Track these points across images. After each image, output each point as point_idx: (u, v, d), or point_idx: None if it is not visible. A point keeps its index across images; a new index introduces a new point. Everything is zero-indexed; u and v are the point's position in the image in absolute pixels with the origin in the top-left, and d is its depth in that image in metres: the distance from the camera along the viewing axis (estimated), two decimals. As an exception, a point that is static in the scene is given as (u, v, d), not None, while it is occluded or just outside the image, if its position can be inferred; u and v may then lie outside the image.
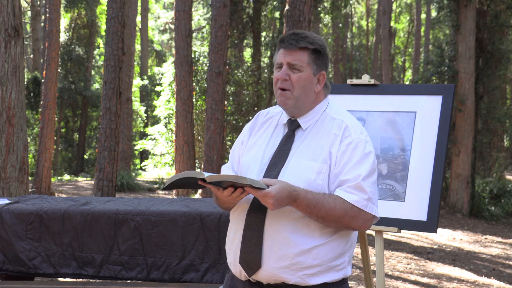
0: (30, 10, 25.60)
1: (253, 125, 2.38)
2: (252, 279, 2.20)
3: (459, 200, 12.60)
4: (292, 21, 8.92)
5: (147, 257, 3.87)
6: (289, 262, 2.12)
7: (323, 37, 22.29)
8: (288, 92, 2.20)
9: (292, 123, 2.26)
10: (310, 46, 2.20)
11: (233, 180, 2.00)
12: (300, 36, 2.20)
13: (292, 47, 2.19)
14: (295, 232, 2.13)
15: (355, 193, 2.12)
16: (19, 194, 5.56)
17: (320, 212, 2.07)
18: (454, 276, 7.26)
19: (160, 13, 36.71)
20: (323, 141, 2.19)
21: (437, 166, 3.31)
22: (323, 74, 2.26)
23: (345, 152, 2.15)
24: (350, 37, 33.23)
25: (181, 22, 13.25)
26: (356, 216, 2.12)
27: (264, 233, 2.15)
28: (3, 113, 5.56)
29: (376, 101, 3.56)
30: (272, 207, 2.02)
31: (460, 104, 12.60)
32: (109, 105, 10.28)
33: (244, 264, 2.18)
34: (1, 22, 5.53)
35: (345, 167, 2.14)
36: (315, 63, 2.22)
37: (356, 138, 2.18)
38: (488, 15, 13.40)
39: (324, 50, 2.26)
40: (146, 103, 29.62)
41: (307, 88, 2.22)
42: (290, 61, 2.20)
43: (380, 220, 3.34)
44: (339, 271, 2.21)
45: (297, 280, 2.14)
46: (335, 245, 2.18)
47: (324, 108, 2.28)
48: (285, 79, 2.20)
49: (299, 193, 2.05)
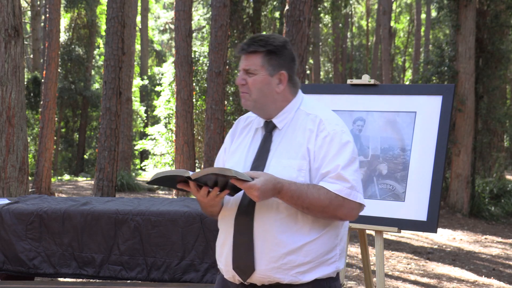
0: (30, 10, 25.60)
1: (234, 132, 2.42)
2: (246, 282, 2.22)
3: (459, 200, 12.60)
4: (292, 21, 8.92)
5: (147, 257, 3.87)
6: (281, 262, 2.14)
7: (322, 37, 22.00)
8: (246, 95, 2.26)
9: (268, 125, 2.30)
10: (261, 49, 2.22)
11: (218, 172, 2.01)
12: (253, 40, 2.24)
13: (244, 52, 2.25)
14: (284, 232, 2.15)
15: (337, 183, 2.14)
16: (19, 194, 5.56)
17: (305, 203, 2.10)
18: (454, 276, 7.26)
19: (160, 13, 36.71)
20: (300, 138, 2.22)
21: (437, 166, 3.31)
22: (283, 73, 2.26)
23: (322, 146, 2.18)
24: (350, 37, 33.23)
25: (181, 22, 13.25)
26: (341, 205, 2.13)
27: (254, 236, 2.17)
28: (3, 113, 5.56)
29: (376, 101, 3.56)
30: (257, 199, 2.05)
31: (460, 104, 12.60)
32: (109, 105, 10.28)
33: (237, 270, 2.21)
34: (1, 22, 5.53)
35: (324, 160, 2.17)
36: (269, 64, 2.23)
37: (332, 131, 2.20)
38: (488, 15, 13.41)
39: (281, 49, 2.25)
40: (146, 103, 29.62)
41: (264, 89, 2.25)
42: (244, 67, 2.25)
43: (380, 220, 3.35)
44: (331, 265, 2.22)
45: (290, 279, 2.15)
46: (325, 240, 2.19)
47: (297, 106, 2.30)
48: (242, 84, 2.26)
49: (283, 184, 2.08)
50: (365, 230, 3.48)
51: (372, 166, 3.46)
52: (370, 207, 3.40)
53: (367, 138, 3.52)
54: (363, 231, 3.52)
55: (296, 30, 8.90)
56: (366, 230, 3.46)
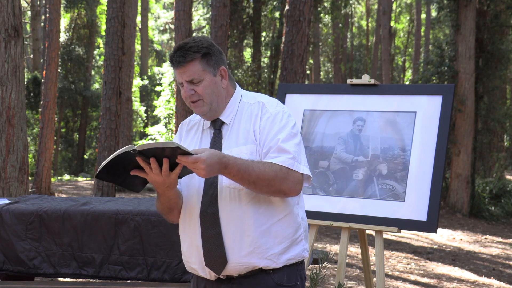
0: (30, 10, 25.60)
1: (179, 136, 2.44)
2: (222, 276, 2.24)
3: (459, 200, 12.60)
4: (292, 21, 8.92)
5: (147, 257, 3.87)
6: (254, 246, 2.19)
7: (322, 37, 22.05)
8: (200, 102, 2.26)
9: (215, 123, 2.33)
10: (197, 55, 2.23)
11: (162, 146, 2.00)
12: (184, 50, 2.23)
13: (182, 64, 2.23)
14: (250, 216, 2.19)
15: (279, 155, 2.19)
16: (19, 194, 5.56)
17: (252, 177, 2.11)
18: (454, 276, 7.27)
19: (160, 13, 36.70)
20: (247, 125, 2.27)
21: (437, 166, 3.31)
22: (223, 69, 2.30)
23: (265, 126, 2.25)
24: (350, 37, 33.22)
25: (181, 22, 13.24)
26: (286, 177, 2.16)
27: (222, 228, 2.20)
28: (3, 113, 5.56)
29: (376, 101, 3.56)
30: (204, 172, 2.04)
31: (460, 104, 12.60)
32: (109, 105, 10.28)
33: (210, 265, 2.23)
34: (1, 22, 5.53)
35: (267, 138, 2.23)
36: (209, 65, 2.26)
37: (274, 111, 2.27)
38: (488, 15, 13.40)
39: (212, 48, 2.27)
40: (146, 103, 29.60)
41: (215, 90, 2.28)
42: (187, 78, 2.24)
43: (380, 220, 3.35)
44: (299, 244, 2.28)
45: (266, 262, 2.20)
46: (289, 219, 2.25)
47: (239, 99, 2.35)
48: (192, 94, 2.26)
49: (229, 159, 2.09)
50: (365, 230, 3.48)
51: (372, 166, 3.46)
52: (370, 207, 3.41)
53: (367, 138, 3.52)
54: (363, 231, 3.52)
55: (296, 30, 8.90)
56: (366, 230, 3.46)
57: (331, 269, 6.80)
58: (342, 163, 3.52)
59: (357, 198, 3.44)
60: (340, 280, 3.30)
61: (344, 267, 3.36)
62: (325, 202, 3.49)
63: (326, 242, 8.92)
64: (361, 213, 3.41)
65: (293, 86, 4.05)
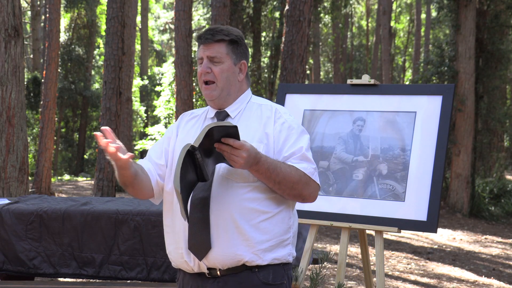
0: (30, 10, 25.59)
1: (178, 124, 2.42)
2: (204, 267, 2.21)
3: (459, 200, 12.60)
4: (292, 21, 8.92)
5: (147, 257, 3.87)
6: (242, 238, 2.18)
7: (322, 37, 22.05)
8: (213, 85, 2.28)
9: (220, 114, 2.33)
10: (226, 37, 2.26)
11: (216, 125, 1.99)
12: (215, 31, 2.27)
13: (209, 41, 2.26)
14: (242, 209, 2.19)
15: (303, 162, 2.22)
16: (19, 194, 5.56)
17: (278, 177, 2.14)
18: (454, 276, 7.27)
19: (160, 13, 36.70)
20: (255, 124, 2.28)
21: (437, 166, 3.31)
22: (244, 63, 2.32)
23: (282, 130, 2.25)
24: (350, 37, 33.22)
25: (181, 22, 13.24)
26: (308, 183, 2.21)
27: (211, 213, 2.19)
28: (3, 113, 5.56)
29: (376, 101, 3.56)
30: (243, 161, 2.04)
31: (460, 104, 12.60)
32: (109, 105, 10.28)
33: (193, 248, 2.20)
34: (1, 22, 5.53)
35: (287, 143, 2.24)
36: (233, 53, 2.28)
37: (289, 119, 2.29)
38: (488, 15, 13.40)
39: (241, 40, 2.31)
40: (146, 103, 29.60)
41: (230, 78, 2.29)
42: (209, 55, 2.26)
43: (380, 220, 3.35)
44: (286, 247, 2.27)
45: (251, 257, 2.19)
46: (280, 219, 2.25)
47: (248, 98, 2.36)
48: (207, 72, 2.27)
49: (261, 155, 2.11)
50: (365, 230, 3.48)
51: (372, 166, 3.46)
52: (370, 207, 3.40)
53: (367, 138, 3.52)
54: (363, 231, 3.52)
55: (296, 30, 8.90)
56: (366, 230, 3.46)
57: (331, 269, 6.80)
58: (342, 163, 3.52)
59: (357, 198, 3.44)
60: (340, 280, 3.30)
61: (344, 267, 3.36)
62: (325, 202, 3.49)
63: (326, 242, 8.92)
64: (361, 213, 3.40)
65: (293, 86, 4.05)
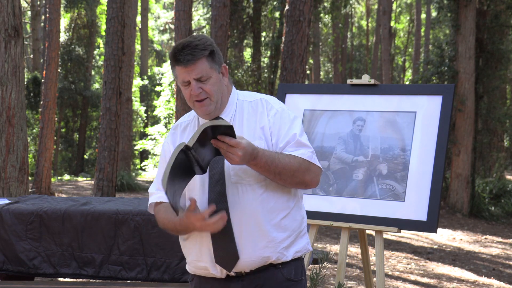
0: (30, 10, 25.59)
1: (174, 138, 2.38)
2: (232, 273, 2.23)
3: (459, 200, 12.60)
4: (292, 21, 8.92)
5: (147, 257, 3.87)
6: (267, 240, 2.21)
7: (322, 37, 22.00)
8: (207, 100, 2.24)
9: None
10: (204, 53, 2.21)
11: (211, 124, 1.99)
12: (192, 49, 2.19)
13: (191, 63, 2.20)
14: (261, 211, 2.21)
15: (300, 149, 2.24)
16: (19, 194, 5.56)
17: (278, 168, 2.15)
18: (454, 276, 7.26)
19: (160, 13, 36.69)
20: (251, 122, 2.28)
21: (437, 166, 3.31)
22: (224, 66, 2.31)
23: (275, 121, 2.27)
24: (350, 37, 33.21)
25: (181, 22, 13.24)
26: (308, 168, 2.23)
27: (233, 225, 2.20)
28: (3, 113, 5.56)
29: (376, 101, 3.56)
30: (238, 159, 2.06)
31: (460, 104, 12.59)
32: (109, 105, 10.28)
33: (221, 262, 2.22)
34: (1, 22, 5.53)
35: (281, 133, 2.26)
36: (214, 62, 2.25)
37: (279, 108, 2.30)
38: (488, 15, 13.40)
39: (214, 45, 2.26)
40: (146, 103, 29.60)
41: (220, 87, 2.28)
42: (195, 76, 2.21)
43: (380, 220, 3.35)
44: (303, 236, 2.33)
45: (277, 256, 2.23)
46: (295, 212, 2.29)
47: (236, 97, 2.35)
48: (200, 92, 2.23)
49: (258, 150, 2.13)
50: (365, 230, 3.48)
51: (372, 166, 3.46)
52: (370, 207, 3.40)
53: (367, 138, 3.52)
54: (363, 231, 3.52)
55: (296, 30, 8.90)
56: (366, 230, 3.46)
57: (331, 269, 6.80)
58: (342, 163, 3.52)
59: (357, 198, 3.44)
60: (340, 280, 3.30)
61: (344, 267, 3.36)
62: (325, 202, 3.49)
63: (326, 242, 8.92)
64: (361, 213, 3.41)
65: (293, 86, 4.06)
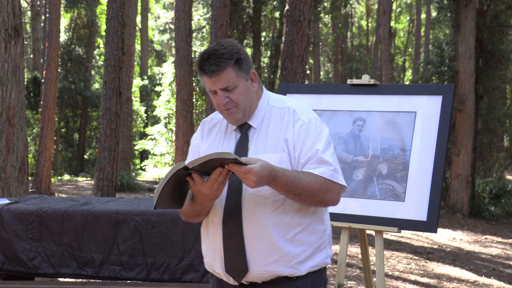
0: (30, 10, 25.59)
1: (201, 134, 2.38)
2: (245, 282, 2.22)
3: (459, 200, 12.60)
4: (292, 21, 8.91)
5: (147, 257, 3.87)
6: (278, 255, 2.17)
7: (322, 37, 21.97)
8: (234, 109, 2.22)
9: (243, 127, 2.28)
10: (230, 62, 2.17)
11: (216, 156, 1.98)
12: (217, 58, 2.16)
13: (216, 73, 2.16)
14: (275, 225, 2.17)
15: (321, 166, 2.17)
16: (19, 194, 5.56)
17: (298, 189, 2.11)
18: (454, 276, 7.26)
19: (160, 13, 36.70)
20: (276, 131, 2.24)
21: (437, 166, 3.31)
22: (253, 72, 2.26)
23: (300, 134, 2.21)
24: (350, 37, 33.21)
25: (181, 22, 13.25)
26: (329, 188, 2.17)
27: (245, 237, 2.17)
28: (3, 113, 5.56)
29: (376, 101, 3.56)
30: (253, 184, 2.03)
31: (460, 104, 12.59)
32: (109, 105, 10.27)
33: (231, 272, 2.21)
34: (1, 22, 5.53)
35: (304, 147, 2.20)
36: (241, 70, 2.21)
37: (306, 119, 2.24)
38: (488, 15, 13.40)
39: (241, 52, 2.21)
40: (146, 103, 29.61)
41: (248, 95, 2.24)
42: (221, 86, 2.18)
43: (380, 220, 3.35)
44: (322, 251, 2.27)
45: (290, 270, 2.19)
46: (314, 227, 2.24)
47: (266, 102, 2.31)
48: (227, 102, 2.21)
49: (278, 171, 2.08)
50: (365, 230, 3.48)
51: (372, 166, 3.46)
52: (370, 207, 3.40)
53: (367, 138, 3.52)
54: (363, 231, 3.52)
55: (296, 30, 8.90)
56: (366, 230, 3.46)
57: (331, 269, 6.80)
58: (342, 163, 3.51)
59: (357, 198, 3.45)
60: (340, 280, 3.30)
61: (344, 267, 3.36)
62: (325, 202, 3.49)
63: (326, 242, 8.90)
64: (361, 213, 3.41)
65: (293, 86, 4.05)
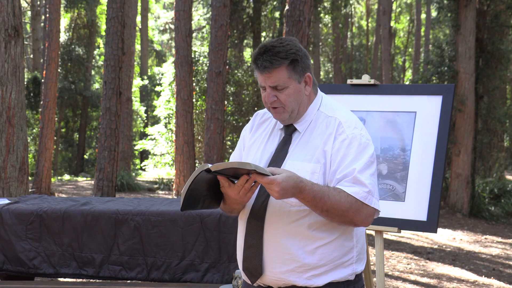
0: (30, 10, 25.59)
1: (251, 126, 2.36)
2: (262, 285, 2.20)
3: (459, 200, 12.60)
4: (292, 21, 8.91)
5: (147, 257, 3.87)
6: (294, 265, 2.11)
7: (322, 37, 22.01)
8: (281, 109, 2.18)
9: (288, 128, 2.24)
10: (284, 62, 2.12)
11: (237, 166, 1.95)
12: (271, 54, 2.11)
13: (268, 70, 2.12)
14: (297, 235, 2.11)
15: (354, 186, 2.08)
16: (19, 194, 5.56)
17: (326, 205, 2.03)
18: (454, 276, 7.26)
19: (160, 13, 36.69)
20: (317, 141, 2.17)
21: (437, 166, 3.31)
22: (308, 75, 2.20)
23: (340, 149, 2.13)
24: (350, 37, 33.21)
25: (181, 22, 13.24)
26: (359, 210, 2.07)
27: (264, 240, 2.14)
28: (3, 113, 5.56)
29: (376, 101, 3.56)
30: (277, 195, 1.97)
31: (460, 104, 12.60)
32: (109, 105, 10.28)
33: (246, 271, 2.19)
34: (1, 22, 5.53)
35: (342, 164, 2.11)
36: (295, 72, 2.15)
37: (351, 134, 2.15)
38: (488, 15, 13.40)
39: (299, 54, 2.15)
40: (146, 103, 29.61)
41: (298, 98, 2.18)
42: (271, 84, 2.14)
43: (380, 220, 3.34)
44: (347, 267, 2.17)
45: (305, 282, 2.12)
46: (340, 242, 2.15)
47: (317, 107, 2.24)
48: (274, 101, 2.17)
49: (305, 184, 2.01)
50: (365, 230, 3.47)
51: (372, 166, 3.46)
52: (370, 207, 3.41)
53: (367, 138, 3.52)
54: (363, 231, 3.52)
55: (296, 30, 8.89)
56: (366, 230, 3.46)
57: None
58: (342, 163, 3.51)
59: (357, 198, 3.44)
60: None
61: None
62: (325, 202, 3.49)
63: (326, 242, 8.91)
64: (361, 213, 3.40)
65: (293, 86, 4.05)
